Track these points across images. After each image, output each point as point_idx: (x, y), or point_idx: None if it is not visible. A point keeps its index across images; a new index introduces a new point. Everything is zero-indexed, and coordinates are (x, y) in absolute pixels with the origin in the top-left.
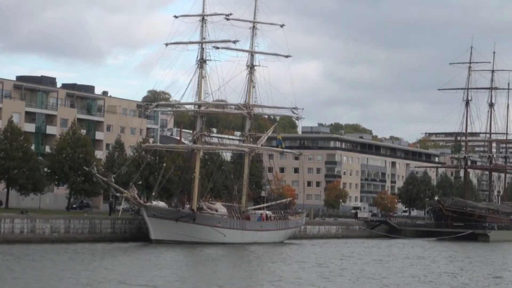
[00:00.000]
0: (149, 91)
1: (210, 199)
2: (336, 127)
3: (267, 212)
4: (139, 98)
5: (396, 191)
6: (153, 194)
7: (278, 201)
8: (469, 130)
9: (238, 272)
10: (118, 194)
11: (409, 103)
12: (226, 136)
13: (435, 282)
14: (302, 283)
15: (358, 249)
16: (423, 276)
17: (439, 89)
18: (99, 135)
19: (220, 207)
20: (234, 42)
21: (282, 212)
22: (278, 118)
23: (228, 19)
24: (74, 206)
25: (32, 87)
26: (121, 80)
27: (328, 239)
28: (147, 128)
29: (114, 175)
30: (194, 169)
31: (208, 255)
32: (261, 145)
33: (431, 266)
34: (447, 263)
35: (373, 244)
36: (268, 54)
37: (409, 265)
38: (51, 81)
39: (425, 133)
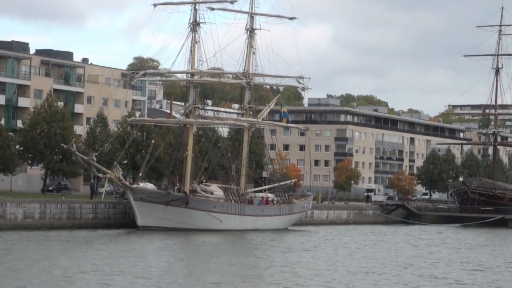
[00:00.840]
0: (135, 58)
1: (205, 181)
2: (347, 99)
3: (269, 195)
4: (124, 66)
5: (415, 171)
6: (140, 174)
7: (281, 183)
8: (499, 102)
9: (235, 263)
10: (100, 175)
11: (430, 71)
12: (222, 109)
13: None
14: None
15: (373, 238)
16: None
17: (465, 56)
18: (78, 108)
19: (216, 190)
20: (232, 2)
21: (286, 195)
22: (281, 88)
23: None
24: (50, 188)
25: (2, 54)
26: (103, 45)
27: (337, 225)
28: (133, 100)
29: (96, 154)
30: (186, 146)
31: (202, 244)
32: (263, 119)
33: (474, 255)
34: (483, 251)
35: (390, 231)
36: (270, 16)
37: (455, 254)
38: (24, 46)
39: (449, 106)
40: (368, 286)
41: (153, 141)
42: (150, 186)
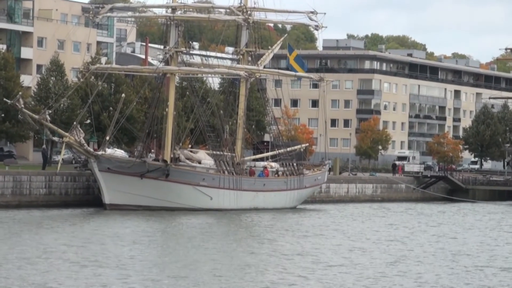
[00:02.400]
0: None
1: (190, 146)
2: (373, 41)
3: (273, 164)
4: None
5: (461, 133)
6: (107, 138)
7: (288, 149)
8: None
9: (223, 254)
10: (55, 139)
11: (482, 5)
12: (213, 54)
13: None
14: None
15: (414, 219)
16: None
17: None
18: (26, 53)
19: (204, 158)
20: None
21: (295, 164)
22: (288, 27)
23: None
24: None
25: None
26: None
27: (360, 202)
28: (98, 43)
29: (50, 111)
30: (166, 102)
31: (185, 228)
32: (264, 67)
33: None
34: None
35: (434, 210)
36: None
37: None
38: None
39: (506, 49)
40: None
41: (123, 95)
42: (120, 152)
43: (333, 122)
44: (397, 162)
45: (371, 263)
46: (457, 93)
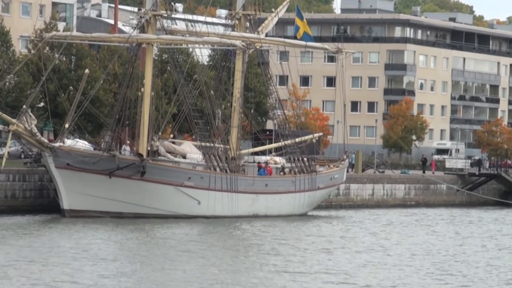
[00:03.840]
0: None
1: (173, 136)
2: (406, 1)
3: (277, 159)
4: None
5: None
6: (67, 126)
7: (297, 139)
8: None
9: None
10: (0, 127)
11: None
12: (201, 19)
13: None
14: None
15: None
16: None
17: None
18: None
19: (190, 150)
20: None
21: (305, 159)
22: None
23: None
24: None
25: None
26: None
27: (389, 208)
28: (53, 4)
29: None
30: (142, 80)
31: (166, 241)
32: (267, 35)
33: None
34: None
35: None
36: None
37: None
38: None
39: None
40: None
41: (86, 70)
42: (82, 144)
43: (354, 106)
44: (435, 157)
45: None
46: None
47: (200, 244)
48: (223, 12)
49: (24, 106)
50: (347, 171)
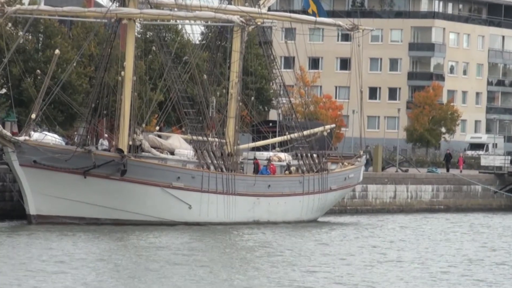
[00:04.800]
0: None
1: (159, 128)
2: None
3: (282, 155)
4: None
5: None
6: (33, 116)
7: (305, 132)
8: None
9: None
10: None
11: None
12: None
13: None
14: None
15: None
16: None
17: None
18: None
19: (179, 145)
20: None
21: (315, 155)
22: None
23: None
24: None
25: None
26: None
27: (413, 213)
28: None
29: None
30: (122, 62)
31: (149, 253)
32: (269, 9)
33: None
34: None
35: None
36: None
37: None
38: None
39: None
40: None
41: (57, 51)
42: (52, 138)
43: (373, 93)
44: (469, 153)
45: None
46: None
47: (191, 256)
48: None
49: None
50: (365, 169)
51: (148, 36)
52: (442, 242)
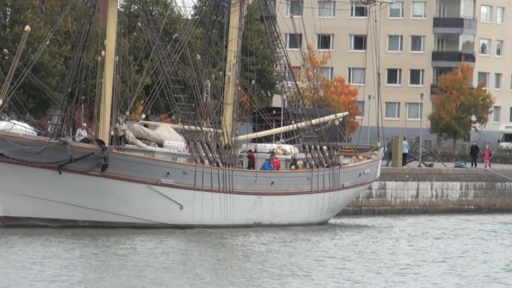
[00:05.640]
0: None
1: (145, 116)
2: None
3: (287, 148)
4: None
5: None
6: (0, 103)
7: (314, 121)
8: None
9: None
10: None
11: None
12: None
13: None
14: None
15: None
16: None
17: None
18: None
19: (169, 136)
20: None
21: (325, 148)
22: None
23: None
24: None
25: None
26: None
27: (440, 214)
28: None
29: None
30: (103, 40)
31: (133, 261)
32: None
33: None
34: None
35: None
36: None
37: None
38: None
39: None
40: None
41: (27, 27)
42: (22, 127)
43: (392, 75)
44: (504, 144)
45: None
46: None
47: (182, 265)
48: None
49: None
50: (383, 164)
51: (132, 10)
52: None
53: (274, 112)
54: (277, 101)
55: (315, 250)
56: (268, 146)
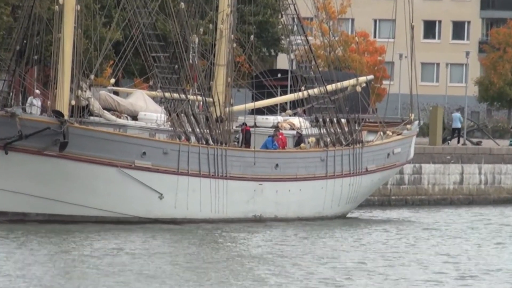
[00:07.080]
0: None
1: (115, 81)
2: None
3: (295, 121)
4: None
5: None
6: None
7: (330, 87)
8: None
9: None
10: None
11: None
12: None
13: None
14: None
15: None
16: None
17: None
18: None
19: (145, 106)
20: None
21: (344, 121)
22: None
23: None
24: None
25: None
26: None
27: (487, 205)
28: None
29: None
30: None
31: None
32: None
33: None
34: None
35: None
36: None
37: None
38: None
39: None
40: None
41: None
42: None
43: (430, 28)
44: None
45: None
46: None
47: (160, 270)
48: None
49: None
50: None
51: None
52: None
53: (279, 75)
54: (282, 61)
55: (332, 254)
56: (272, 119)
